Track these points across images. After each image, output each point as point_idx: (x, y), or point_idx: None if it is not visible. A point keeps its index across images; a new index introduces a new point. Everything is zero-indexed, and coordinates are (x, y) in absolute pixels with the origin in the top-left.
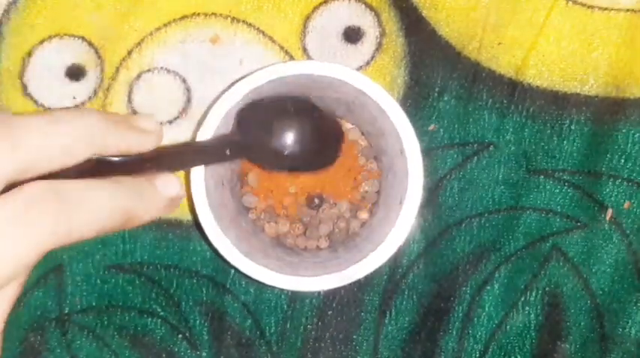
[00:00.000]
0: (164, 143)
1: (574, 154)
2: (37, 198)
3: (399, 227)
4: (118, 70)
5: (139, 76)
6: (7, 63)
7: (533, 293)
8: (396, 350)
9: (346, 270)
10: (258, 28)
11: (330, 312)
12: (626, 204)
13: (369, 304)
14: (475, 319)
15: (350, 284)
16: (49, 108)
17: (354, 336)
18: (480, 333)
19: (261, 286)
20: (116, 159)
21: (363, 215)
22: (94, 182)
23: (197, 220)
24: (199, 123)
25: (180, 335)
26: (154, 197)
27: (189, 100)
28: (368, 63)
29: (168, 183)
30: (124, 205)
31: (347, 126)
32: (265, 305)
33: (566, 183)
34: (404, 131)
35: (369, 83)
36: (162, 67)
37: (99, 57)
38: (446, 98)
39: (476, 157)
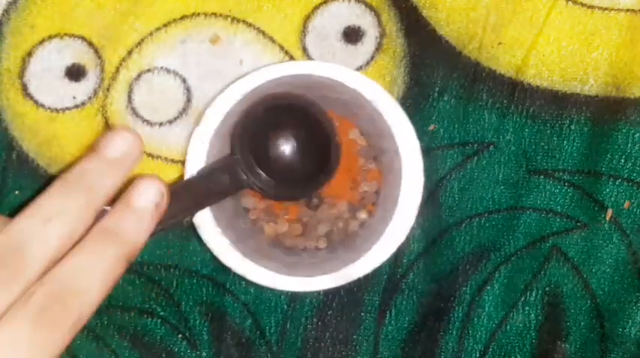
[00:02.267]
0: (166, 143)
1: (574, 154)
2: (49, 299)
3: (398, 227)
4: (118, 70)
5: (139, 76)
6: (7, 63)
7: (533, 293)
8: (396, 350)
9: (345, 270)
10: (258, 28)
11: (330, 312)
12: (626, 204)
13: (369, 304)
14: (475, 319)
15: (350, 284)
16: (49, 109)
17: (354, 336)
18: (480, 333)
19: (261, 286)
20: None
21: (362, 215)
22: (82, 248)
23: (195, 222)
24: (196, 123)
25: (180, 335)
26: (138, 219)
27: (189, 100)
28: (368, 63)
29: (143, 192)
30: (118, 254)
31: (350, 133)
32: (265, 305)
33: (566, 183)
34: (402, 131)
35: (366, 83)
36: (162, 67)
37: (99, 57)
38: (446, 98)
39: (476, 157)
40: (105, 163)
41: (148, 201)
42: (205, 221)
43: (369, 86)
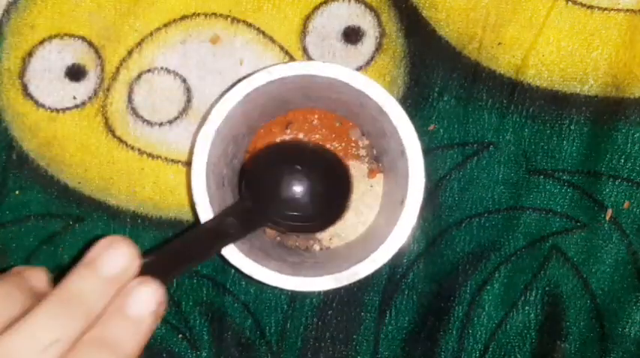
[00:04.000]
0: (166, 143)
1: (574, 154)
2: None
3: (400, 227)
4: (118, 70)
5: (139, 76)
6: (7, 63)
7: (533, 293)
8: (396, 350)
9: (347, 271)
10: (258, 28)
11: (330, 312)
12: (626, 204)
13: (369, 304)
14: (475, 319)
15: (350, 284)
16: (49, 109)
17: (354, 336)
18: (479, 333)
19: (261, 286)
20: None
21: (364, 215)
22: None
23: (198, 222)
24: (200, 124)
25: (180, 335)
26: (134, 329)
27: (189, 100)
28: (368, 63)
29: (140, 300)
30: None
31: (351, 133)
32: (265, 305)
33: (566, 183)
34: (405, 132)
35: (370, 84)
36: (162, 67)
37: (99, 57)
38: (446, 98)
39: (476, 157)
40: (102, 283)
41: (145, 309)
42: None
43: (371, 87)
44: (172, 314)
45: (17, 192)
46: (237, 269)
